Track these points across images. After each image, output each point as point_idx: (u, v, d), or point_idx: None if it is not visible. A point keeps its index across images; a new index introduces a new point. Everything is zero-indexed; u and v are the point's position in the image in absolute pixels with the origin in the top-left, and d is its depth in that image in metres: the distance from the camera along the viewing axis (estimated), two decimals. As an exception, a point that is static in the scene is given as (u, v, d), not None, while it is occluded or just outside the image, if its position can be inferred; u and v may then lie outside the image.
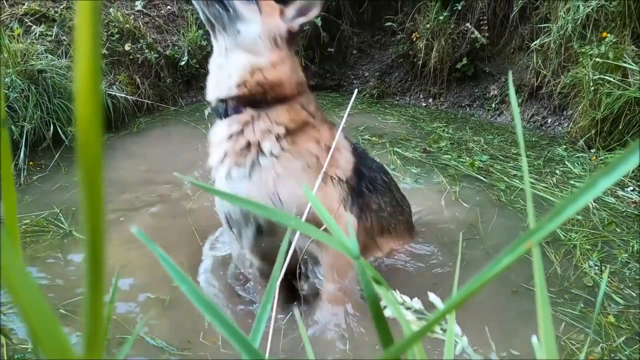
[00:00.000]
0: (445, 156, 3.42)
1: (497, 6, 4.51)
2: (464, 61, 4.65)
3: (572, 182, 3.06)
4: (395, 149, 3.52)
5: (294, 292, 1.82)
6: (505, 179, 3.06)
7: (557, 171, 3.20)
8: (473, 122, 4.35)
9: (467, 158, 3.36)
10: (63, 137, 3.29)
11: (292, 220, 0.30)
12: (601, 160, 3.35)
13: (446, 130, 4.02)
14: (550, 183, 3.02)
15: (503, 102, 4.69)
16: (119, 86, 3.87)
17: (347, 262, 1.73)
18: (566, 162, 3.33)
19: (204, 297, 0.32)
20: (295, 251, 1.59)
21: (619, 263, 2.23)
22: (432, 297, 0.57)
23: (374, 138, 3.74)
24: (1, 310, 1.70)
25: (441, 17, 4.47)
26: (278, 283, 0.42)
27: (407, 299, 0.59)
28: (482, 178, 3.09)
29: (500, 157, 3.43)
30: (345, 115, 1.02)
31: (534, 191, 2.91)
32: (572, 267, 2.22)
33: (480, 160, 3.32)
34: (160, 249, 0.33)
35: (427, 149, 3.55)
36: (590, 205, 2.68)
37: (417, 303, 0.56)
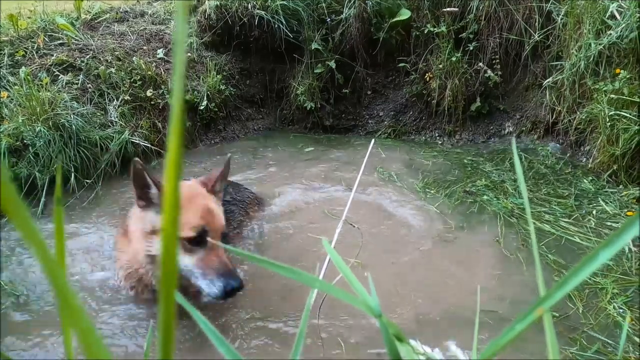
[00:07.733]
0: (485, 197, 3.39)
1: (509, 45, 4.58)
2: (478, 102, 4.68)
3: (608, 223, 2.98)
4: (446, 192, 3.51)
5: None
6: (537, 223, 3.00)
7: (594, 211, 3.12)
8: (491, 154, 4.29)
9: (505, 200, 3.31)
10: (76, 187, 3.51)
11: (317, 282, 0.32)
12: (632, 196, 3.29)
13: (483, 167, 3.99)
14: (586, 227, 2.95)
15: (519, 139, 4.69)
16: (141, 132, 4.00)
17: None
18: (599, 200, 3.27)
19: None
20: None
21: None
22: (453, 347, 0.57)
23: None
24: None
25: (454, 58, 4.55)
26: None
27: (427, 349, 0.60)
28: (513, 220, 3.06)
29: (536, 199, 3.34)
30: (364, 162, 1.05)
31: (568, 237, 2.85)
32: (596, 308, 2.17)
33: (514, 203, 3.26)
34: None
35: (468, 190, 3.53)
36: (625, 249, 2.61)
37: (438, 354, 0.56)
